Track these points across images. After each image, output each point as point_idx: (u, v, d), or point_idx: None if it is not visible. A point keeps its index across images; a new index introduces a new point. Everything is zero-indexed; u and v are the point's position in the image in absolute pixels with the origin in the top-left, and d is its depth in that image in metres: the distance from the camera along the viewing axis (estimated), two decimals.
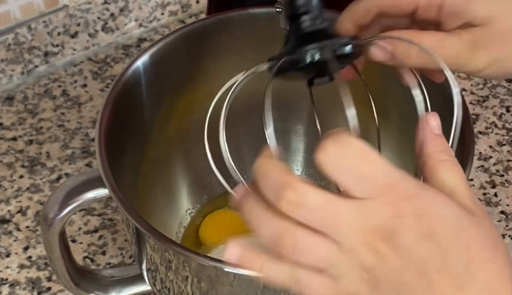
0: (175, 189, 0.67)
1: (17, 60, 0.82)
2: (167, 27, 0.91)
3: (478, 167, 0.75)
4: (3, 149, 0.76)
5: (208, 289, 0.48)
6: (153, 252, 0.49)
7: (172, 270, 0.49)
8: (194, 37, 0.61)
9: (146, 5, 0.88)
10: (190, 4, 0.92)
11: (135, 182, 0.60)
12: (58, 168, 0.75)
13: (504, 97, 0.81)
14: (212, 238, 0.65)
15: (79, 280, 0.57)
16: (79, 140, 0.77)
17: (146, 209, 0.59)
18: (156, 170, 0.64)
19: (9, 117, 0.80)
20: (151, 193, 0.63)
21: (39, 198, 0.72)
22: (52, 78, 0.84)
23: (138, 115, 0.60)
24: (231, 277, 0.46)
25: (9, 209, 0.71)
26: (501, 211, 0.71)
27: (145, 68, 0.58)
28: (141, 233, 0.49)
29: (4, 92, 0.83)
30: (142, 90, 0.59)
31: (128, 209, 0.48)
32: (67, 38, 0.84)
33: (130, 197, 0.49)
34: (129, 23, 0.88)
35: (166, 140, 0.64)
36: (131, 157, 0.59)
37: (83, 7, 0.84)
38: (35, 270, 0.67)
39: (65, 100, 0.82)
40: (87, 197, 0.51)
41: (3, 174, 0.74)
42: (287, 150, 0.69)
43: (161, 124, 0.63)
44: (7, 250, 0.68)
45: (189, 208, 0.67)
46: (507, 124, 0.78)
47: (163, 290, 0.52)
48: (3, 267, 0.67)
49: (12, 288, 0.65)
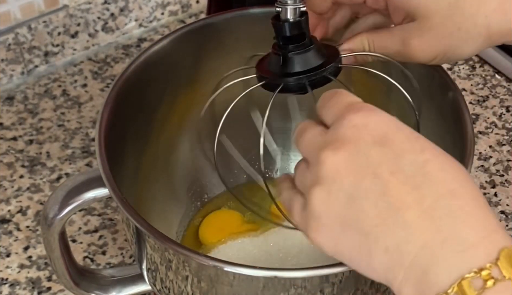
0: (175, 189, 0.67)
1: (17, 60, 0.82)
2: (167, 27, 0.91)
3: (478, 167, 0.75)
4: (3, 148, 0.76)
5: (208, 289, 0.48)
6: (153, 251, 0.49)
7: (172, 270, 0.49)
8: (194, 37, 0.61)
9: (146, 5, 0.88)
10: (190, 4, 0.92)
11: (135, 181, 0.60)
12: (58, 168, 0.75)
13: (504, 97, 0.81)
14: (212, 238, 0.65)
15: (79, 279, 0.57)
16: (79, 140, 0.77)
17: (146, 209, 0.59)
18: (156, 170, 0.64)
19: (9, 117, 0.80)
20: (151, 193, 0.63)
21: (39, 197, 0.72)
22: (52, 78, 0.84)
23: (138, 115, 0.60)
24: (231, 277, 0.46)
25: (9, 209, 0.71)
26: (501, 211, 0.71)
27: (145, 68, 0.58)
28: (141, 232, 0.49)
29: (4, 92, 0.83)
30: (142, 90, 0.59)
31: (128, 209, 0.48)
32: (67, 38, 0.85)
33: (130, 197, 0.49)
34: (129, 23, 0.88)
35: (166, 140, 0.64)
36: (131, 156, 0.59)
37: (83, 7, 0.84)
38: (35, 270, 0.67)
39: (65, 100, 0.82)
40: (87, 197, 0.51)
41: (3, 173, 0.74)
42: (287, 150, 0.69)
43: (161, 124, 0.63)
44: (7, 250, 0.68)
45: (189, 207, 0.67)
46: (507, 124, 0.79)
47: (163, 290, 0.52)
48: (3, 267, 0.67)
49: (12, 288, 0.65)
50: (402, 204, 0.35)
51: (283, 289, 0.45)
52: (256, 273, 0.45)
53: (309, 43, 0.48)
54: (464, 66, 0.85)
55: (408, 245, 0.35)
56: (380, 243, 0.36)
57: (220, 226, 0.65)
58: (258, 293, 0.46)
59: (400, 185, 0.36)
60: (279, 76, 0.48)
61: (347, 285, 0.46)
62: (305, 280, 0.45)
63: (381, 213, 0.35)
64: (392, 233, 0.35)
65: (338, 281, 0.46)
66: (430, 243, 0.35)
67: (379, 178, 0.36)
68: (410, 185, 0.35)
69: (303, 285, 0.45)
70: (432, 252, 0.34)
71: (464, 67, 0.85)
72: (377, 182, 0.36)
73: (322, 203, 0.37)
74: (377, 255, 0.36)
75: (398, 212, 0.35)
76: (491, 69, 0.84)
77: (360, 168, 0.36)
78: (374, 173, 0.36)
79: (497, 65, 0.84)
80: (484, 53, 0.85)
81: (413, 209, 0.35)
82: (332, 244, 0.38)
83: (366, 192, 0.36)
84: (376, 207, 0.36)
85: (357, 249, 0.37)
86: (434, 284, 0.34)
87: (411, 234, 0.35)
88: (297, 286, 0.45)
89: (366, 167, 0.36)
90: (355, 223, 0.36)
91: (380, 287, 0.48)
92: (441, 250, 0.34)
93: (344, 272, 0.45)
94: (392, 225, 0.35)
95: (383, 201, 0.36)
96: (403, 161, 0.36)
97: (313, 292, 0.46)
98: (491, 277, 0.33)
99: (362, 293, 0.48)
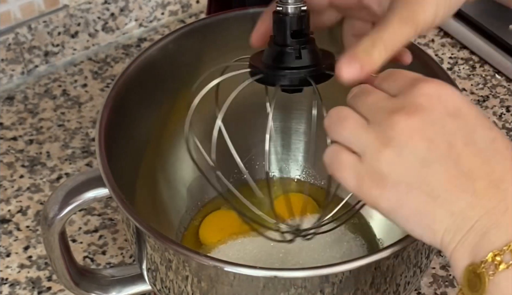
0: (175, 189, 0.67)
1: (17, 60, 0.82)
2: (167, 27, 0.91)
3: None
4: (3, 148, 0.76)
5: (208, 289, 0.48)
6: (153, 251, 0.49)
7: (172, 270, 0.49)
8: (194, 37, 0.61)
9: (146, 5, 0.88)
10: (190, 4, 0.92)
11: (135, 181, 0.60)
12: (58, 168, 0.75)
13: (504, 97, 0.81)
14: (212, 238, 0.65)
15: (79, 279, 0.57)
16: (79, 140, 0.77)
17: (146, 208, 0.59)
18: (156, 170, 0.64)
19: (9, 117, 0.80)
20: (151, 192, 0.63)
21: (39, 197, 0.72)
22: (52, 78, 0.84)
23: (138, 115, 0.60)
24: (231, 277, 0.46)
25: (9, 209, 0.71)
26: None
27: (145, 68, 0.59)
28: (141, 232, 0.49)
29: (4, 92, 0.83)
30: (142, 90, 0.59)
31: (128, 209, 0.48)
32: (67, 38, 0.85)
33: (130, 197, 0.49)
34: (129, 23, 0.88)
35: (166, 140, 0.64)
36: (131, 156, 0.59)
37: (83, 7, 0.84)
38: (35, 269, 0.67)
39: (65, 100, 0.82)
40: (87, 197, 0.51)
41: (3, 173, 0.74)
42: (287, 150, 0.69)
43: (161, 124, 0.63)
44: (7, 250, 0.68)
45: (189, 207, 0.67)
46: (507, 124, 0.79)
47: (163, 290, 0.52)
48: (3, 267, 0.67)
49: (12, 287, 0.65)
50: (472, 174, 0.37)
51: (283, 289, 0.45)
52: (256, 273, 0.45)
53: (308, 41, 0.48)
54: (464, 66, 0.85)
55: (473, 210, 0.37)
56: (447, 206, 0.38)
57: (220, 226, 0.65)
58: (258, 293, 0.46)
59: (472, 156, 0.38)
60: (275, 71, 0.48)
61: (347, 285, 0.46)
62: (305, 280, 0.45)
63: (452, 179, 0.38)
64: (460, 198, 0.37)
65: (338, 281, 0.46)
66: (494, 210, 0.37)
67: (453, 147, 0.38)
68: (482, 157, 0.38)
69: (303, 285, 0.45)
70: (495, 218, 0.37)
71: (464, 67, 0.85)
72: (451, 150, 0.38)
73: (392, 163, 0.38)
74: (442, 217, 0.38)
75: (468, 180, 0.37)
76: (491, 69, 0.84)
77: (435, 135, 0.38)
78: (448, 142, 0.38)
79: (497, 65, 0.84)
80: (484, 53, 0.85)
81: (482, 179, 0.37)
82: (392, 203, 0.39)
83: (440, 158, 0.38)
84: (448, 173, 0.38)
85: (421, 211, 0.38)
86: (490, 244, 0.37)
87: (478, 200, 0.37)
88: (297, 286, 0.45)
89: (441, 135, 0.38)
90: (425, 185, 0.38)
91: (380, 287, 0.48)
92: (503, 216, 0.37)
93: (344, 272, 0.45)
94: (461, 192, 0.37)
95: (456, 169, 0.38)
96: (476, 134, 0.38)
97: (313, 292, 0.46)
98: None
99: (362, 293, 0.48)
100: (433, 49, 0.87)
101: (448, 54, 0.86)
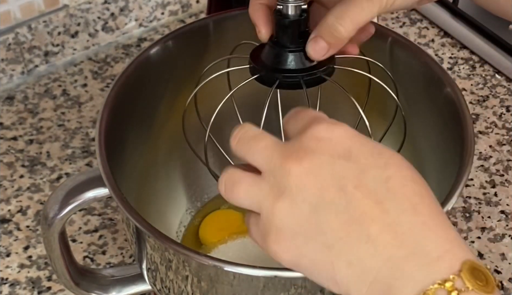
0: (175, 189, 0.67)
1: (17, 60, 0.82)
2: (167, 27, 0.91)
3: (478, 167, 0.75)
4: (3, 148, 0.76)
5: (208, 289, 0.48)
6: (153, 251, 0.49)
7: (172, 270, 0.49)
8: (194, 37, 0.61)
9: (146, 5, 0.88)
10: (190, 4, 0.92)
11: (135, 181, 0.60)
12: (58, 168, 0.75)
13: (504, 97, 0.81)
14: (212, 238, 0.65)
15: (79, 279, 0.57)
16: (79, 140, 0.77)
17: (146, 208, 0.59)
18: (156, 169, 0.64)
19: (9, 117, 0.80)
20: (151, 192, 0.63)
21: (39, 197, 0.72)
22: (52, 78, 0.84)
23: (138, 115, 0.60)
24: (231, 277, 0.46)
25: (9, 209, 0.71)
26: (501, 210, 0.71)
27: (145, 68, 0.58)
28: (141, 232, 0.49)
29: (4, 92, 0.83)
30: (142, 90, 0.59)
31: (128, 209, 0.48)
32: (67, 38, 0.85)
33: (130, 197, 0.49)
34: (129, 23, 0.88)
35: (166, 140, 0.64)
36: (131, 156, 0.59)
37: (83, 6, 0.84)
38: (35, 269, 0.67)
39: (65, 100, 0.82)
40: (87, 197, 0.51)
41: (3, 173, 0.74)
42: None
43: (161, 124, 0.63)
44: (7, 250, 0.68)
45: (189, 207, 0.67)
46: (507, 124, 0.79)
47: (163, 290, 0.52)
48: (3, 267, 0.67)
49: (12, 287, 0.65)
50: (365, 218, 0.35)
51: (283, 288, 0.45)
52: (256, 272, 0.45)
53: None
54: (464, 66, 0.85)
55: (372, 260, 0.35)
56: (344, 256, 0.36)
57: (220, 226, 0.65)
58: (258, 293, 0.46)
59: (363, 199, 0.36)
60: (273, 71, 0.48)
61: None
62: (305, 279, 0.45)
63: (344, 226, 0.35)
64: (355, 247, 0.35)
65: None
66: (395, 257, 0.35)
67: (343, 191, 0.36)
68: (374, 200, 0.36)
69: (303, 285, 0.45)
70: (397, 266, 0.34)
71: (464, 67, 0.85)
72: (341, 194, 0.36)
73: (286, 215, 0.37)
74: (340, 268, 0.36)
75: (362, 225, 0.35)
76: (491, 69, 0.84)
77: (324, 179, 0.36)
78: (338, 186, 0.36)
79: (497, 65, 0.84)
80: (484, 53, 0.85)
81: (376, 223, 0.35)
82: (292, 256, 0.37)
83: (330, 204, 0.36)
84: (340, 220, 0.36)
85: (320, 262, 0.36)
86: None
87: (375, 248, 0.35)
88: (297, 286, 0.45)
89: (331, 179, 0.36)
90: (319, 235, 0.36)
91: None
92: (406, 264, 0.34)
93: None
94: (355, 239, 0.35)
95: (347, 214, 0.35)
96: (367, 175, 0.36)
97: (313, 292, 0.46)
98: (454, 289, 0.33)
99: None
100: (433, 49, 0.87)
101: (448, 54, 0.86)
